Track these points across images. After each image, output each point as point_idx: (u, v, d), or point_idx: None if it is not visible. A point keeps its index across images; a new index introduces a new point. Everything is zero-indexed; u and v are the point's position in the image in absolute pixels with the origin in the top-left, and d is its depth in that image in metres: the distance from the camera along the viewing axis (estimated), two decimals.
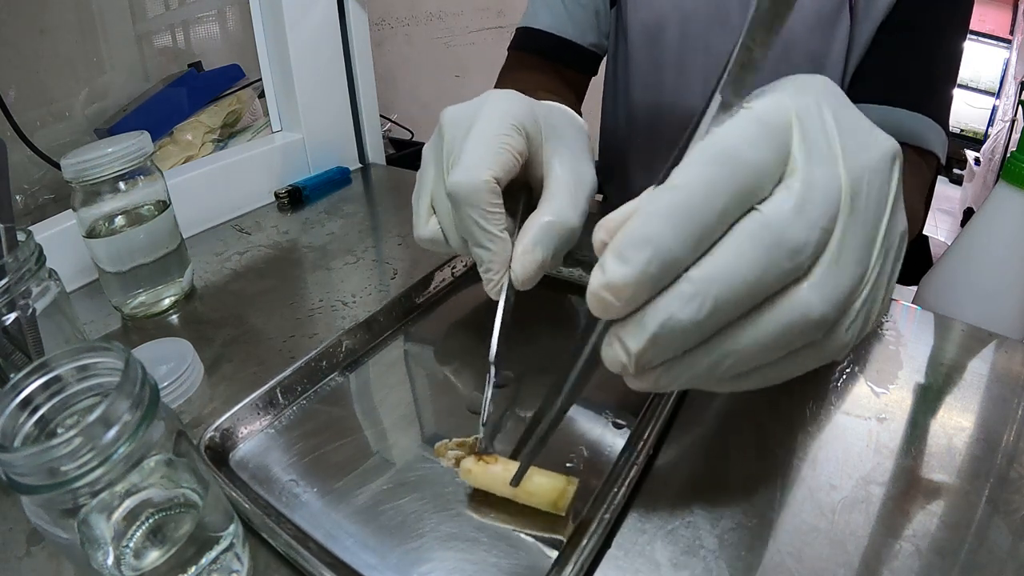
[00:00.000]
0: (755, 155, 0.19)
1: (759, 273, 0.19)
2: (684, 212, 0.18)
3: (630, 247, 0.19)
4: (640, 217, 0.19)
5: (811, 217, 0.19)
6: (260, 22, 0.65)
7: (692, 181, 0.19)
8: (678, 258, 0.19)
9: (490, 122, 0.33)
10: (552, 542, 0.28)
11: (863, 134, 0.21)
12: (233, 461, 0.33)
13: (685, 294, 0.19)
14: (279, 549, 0.28)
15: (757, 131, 0.19)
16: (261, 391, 0.35)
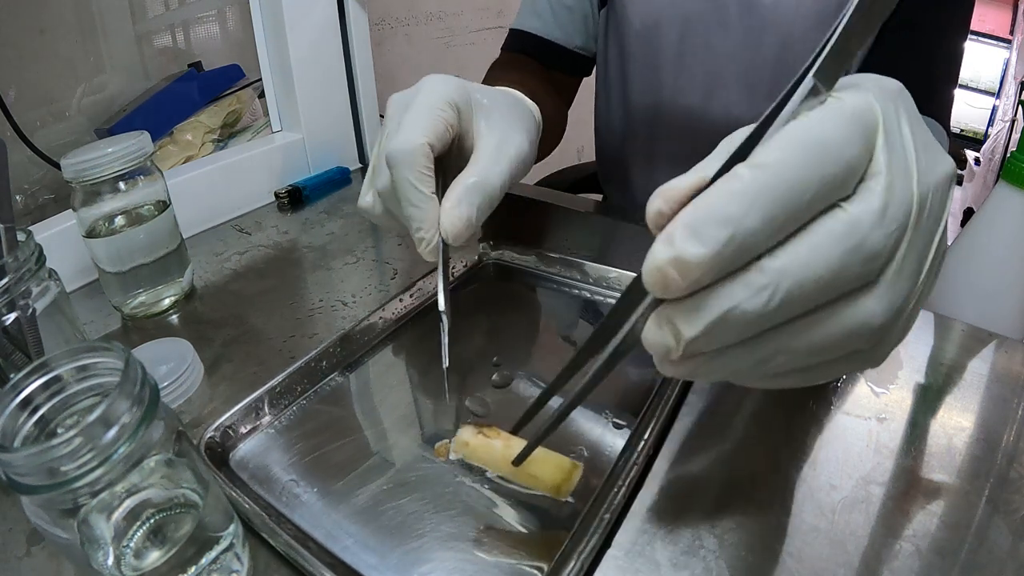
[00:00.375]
0: (849, 150, 0.18)
1: (834, 274, 0.18)
2: (772, 195, 0.17)
3: (709, 224, 0.17)
4: (722, 194, 0.18)
5: (890, 225, 0.18)
6: (260, 22, 0.65)
7: (785, 164, 0.17)
8: (757, 244, 0.18)
9: (426, 98, 0.37)
10: (553, 542, 0.28)
11: (931, 150, 0.20)
12: (233, 461, 0.33)
13: (755, 284, 0.18)
14: (279, 549, 0.28)
15: (852, 126, 0.18)
16: (261, 391, 0.35)
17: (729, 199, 0.17)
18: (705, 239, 0.17)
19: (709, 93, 0.61)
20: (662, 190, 0.19)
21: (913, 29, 0.52)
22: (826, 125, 0.18)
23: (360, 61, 0.70)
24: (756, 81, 0.58)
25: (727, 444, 0.33)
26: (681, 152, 0.67)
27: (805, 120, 0.18)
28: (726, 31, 0.58)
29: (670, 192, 0.19)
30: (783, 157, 0.17)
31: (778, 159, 0.17)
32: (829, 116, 0.18)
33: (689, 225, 0.17)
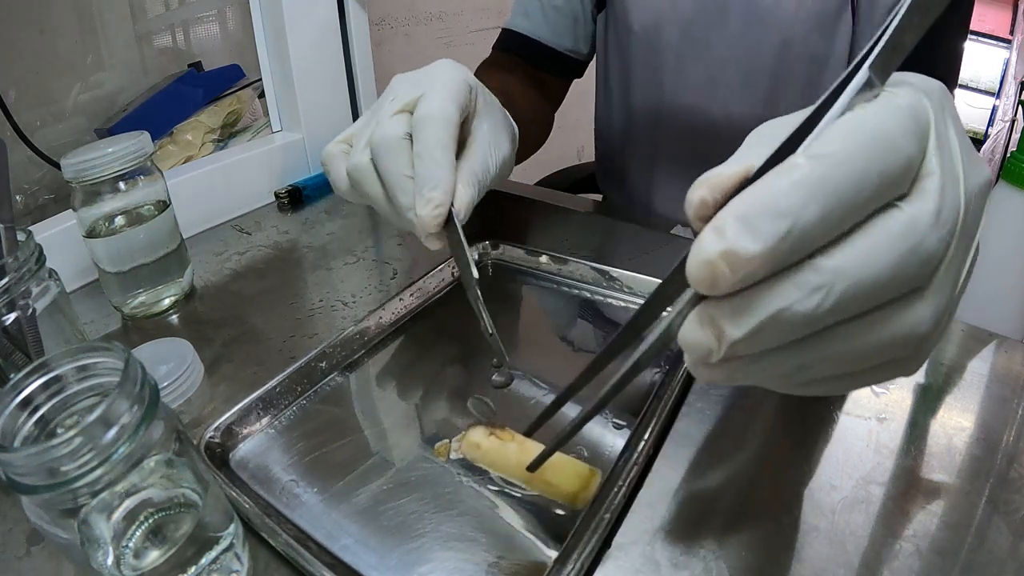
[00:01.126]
0: (908, 146, 0.17)
1: (891, 276, 0.17)
2: (833, 187, 0.16)
3: (765, 216, 0.16)
4: (779, 184, 0.16)
5: (943, 227, 0.17)
6: (260, 22, 0.65)
7: (846, 155, 0.16)
8: (814, 240, 0.16)
9: (450, 77, 0.37)
10: (553, 540, 0.28)
11: (973, 155, 0.20)
12: (233, 461, 0.33)
13: (809, 284, 0.17)
14: (279, 549, 0.28)
15: (909, 122, 0.17)
16: (261, 391, 0.35)
17: (788, 190, 0.16)
18: (760, 232, 0.16)
19: (710, 94, 0.61)
20: (706, 178, 0.18)
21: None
22: (886, 118, 0.17)
23: (360, 61, 0.70)
24: (756, 82, 0.58)
25: (727, 444, 0.33)
26: (682, 153, 0.67)
27: (862, 112, 0.17)
28: (726, 32, 0.58)
29: (716, 180, 0.18)
30: (844, 147, 0.16)
31: (839, 149, 0.16)
32: (887, 109, 0.17)
33: (743, 217, 0.16)
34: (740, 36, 0.58)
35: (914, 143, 0.17)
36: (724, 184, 0.18)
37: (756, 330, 0.17)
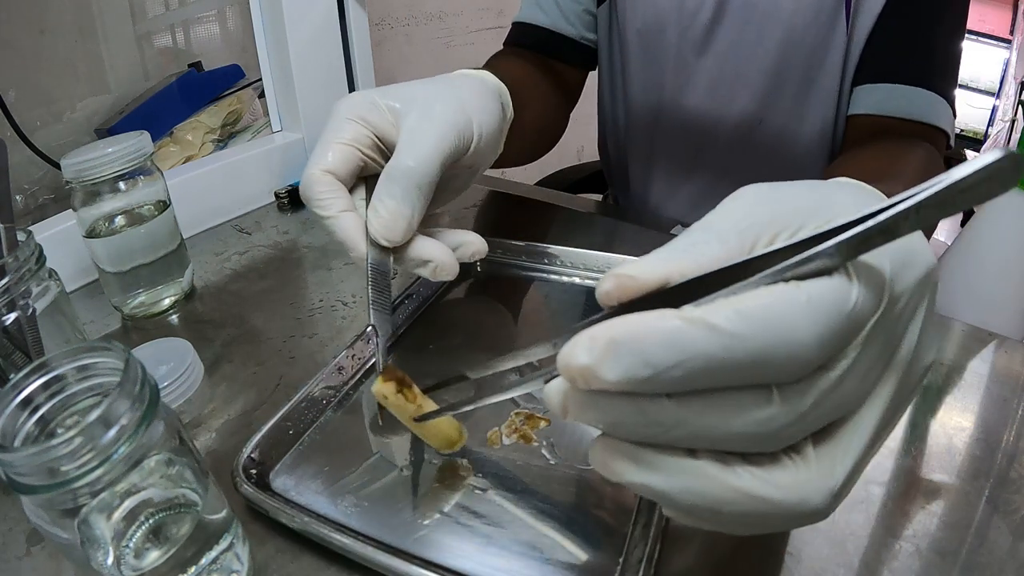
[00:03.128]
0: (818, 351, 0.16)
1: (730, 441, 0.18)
2: (709, 363, 0.16)
3: (634, 357, 0.16)
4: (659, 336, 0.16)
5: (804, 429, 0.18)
6: (260, 22, 0.65)
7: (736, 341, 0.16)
8: (672, 388, 0.17)
9: (328, 124, 0.36)
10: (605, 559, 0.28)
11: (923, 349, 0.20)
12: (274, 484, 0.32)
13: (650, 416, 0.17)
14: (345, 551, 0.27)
15: (839, 328, 0.17)
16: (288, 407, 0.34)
17: (664, 344, 0.16)
18: (622, 368, 0.16)
19: (710, 91, 0.61)
20: (617, 274, 0.18)
21: (907, 24, 0.52)
22: (806, 316, 0.16)
23: (360, 61, 0.70)
24: (755, 80, 0.58)
25: None
26: (680, 152, 0.67)
27: (793, 292, 0.16)
28: (727, 29, 0.58)
29: (624, 281, 0.18)
30: (740, 332, 0.16)
31: (733, 333, 0.16)
32: (816, 305, 0.16)
33: (616, 343, 0.16)
34: (740, 34, 0.58)
35: (829, 349, 0.17)
36: (631, 287, 0.18)
37: (595, 421, 0.18)
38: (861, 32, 0.53)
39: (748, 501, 0.17)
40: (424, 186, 0.34)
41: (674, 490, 0.18)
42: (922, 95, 0.50)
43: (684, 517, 0.19)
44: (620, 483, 0.19)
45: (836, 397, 0.17)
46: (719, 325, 0.16)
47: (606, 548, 0.28)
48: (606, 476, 0.19)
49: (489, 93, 0.40)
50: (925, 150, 0.49)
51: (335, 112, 0.36)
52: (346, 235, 0.35)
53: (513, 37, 0.68)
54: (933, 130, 0.51)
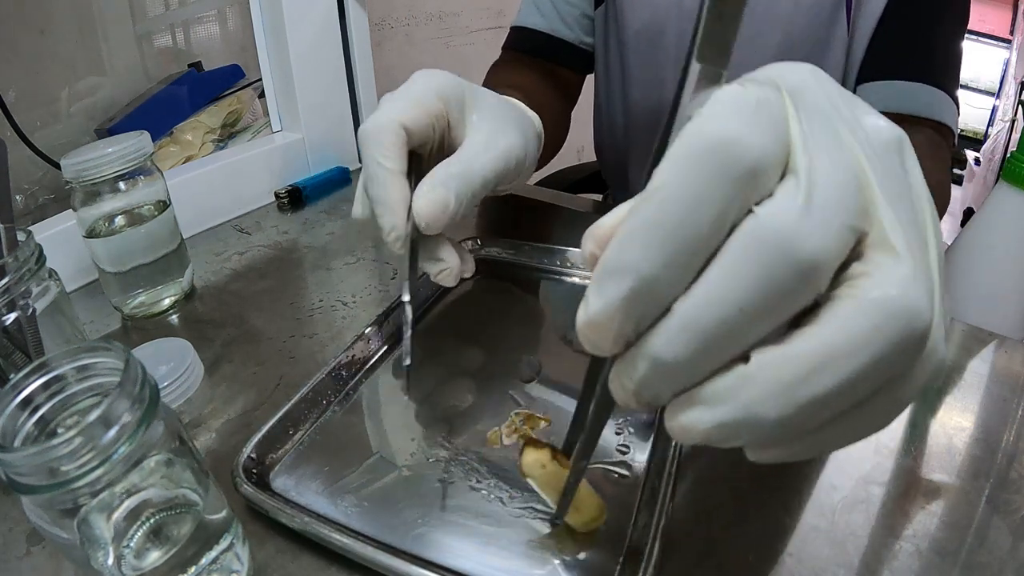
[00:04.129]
0: (755, 140, 0.15)
1: (762, 297, 0.15)
2: (666, 228, 0.15)
3: (608, 277, 0.16)
4: (617, 239, 0.16)
5: (825, 215, 0.14)
6: (260, 22, 0.65)
7: (674, 186, 0.15)
8: (664, 286, 0.15)
9: (409, 86, 0.35)
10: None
11: (865, 121, 0.17)
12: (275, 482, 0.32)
13: (670, 331, 0.16)
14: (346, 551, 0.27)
15: (754, 111, 0.15)
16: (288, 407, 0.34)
17: (624, 243, 0.15)
18: (607, 294, 0.16)
19: None
20: (591, 229, 0.18)
21: (909, 22, 0.52)
22: (720, 119, 0.15)
23: (360, 61, 0.70)
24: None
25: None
26: None
27: (697, 119, 0.15)
28: None
29: (596, 231, 0.18)
30: (670, 177, 0.15)
31: (665, 181, 0.15)
32: (723, 107, 0.15)
33: (594, 280, 0.16)
34: (741, 32, 0.58)
35: (766, 136, 0.15)
36: (602, 234, 0.17)
37: (644, 381, 0.17)
38: (863, 32, 0.53)
39: (836, 354, 0.14)
40: (476, 195, 0.34)
41: (753, 404, 0.15)
42: (926, 91, 0.50)
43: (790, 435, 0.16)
44: (707, 440, 0.16)
45: (825, 176, 0.15)
46: (649, 188, 0.15)
47: (606, 547, 0.28)
48: (689, 441, 0.17)
49: (535, 132, 0.41)
50: (926, 136, 0.49)
51: (422, 79, 0.36)
52: (392, 197, 0.33)
53: (512, 41, 0.68)
54: (937, 125, 0.50)
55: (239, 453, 0.31)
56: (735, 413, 0.16)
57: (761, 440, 0.16)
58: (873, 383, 0.15)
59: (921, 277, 0.15)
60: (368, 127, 0.33)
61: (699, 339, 0.15)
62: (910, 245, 0.15)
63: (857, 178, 0.15)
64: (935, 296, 0.15)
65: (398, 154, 0.33)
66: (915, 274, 0.14)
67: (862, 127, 0.16)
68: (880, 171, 0.15)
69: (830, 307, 0.15)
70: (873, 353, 0.14)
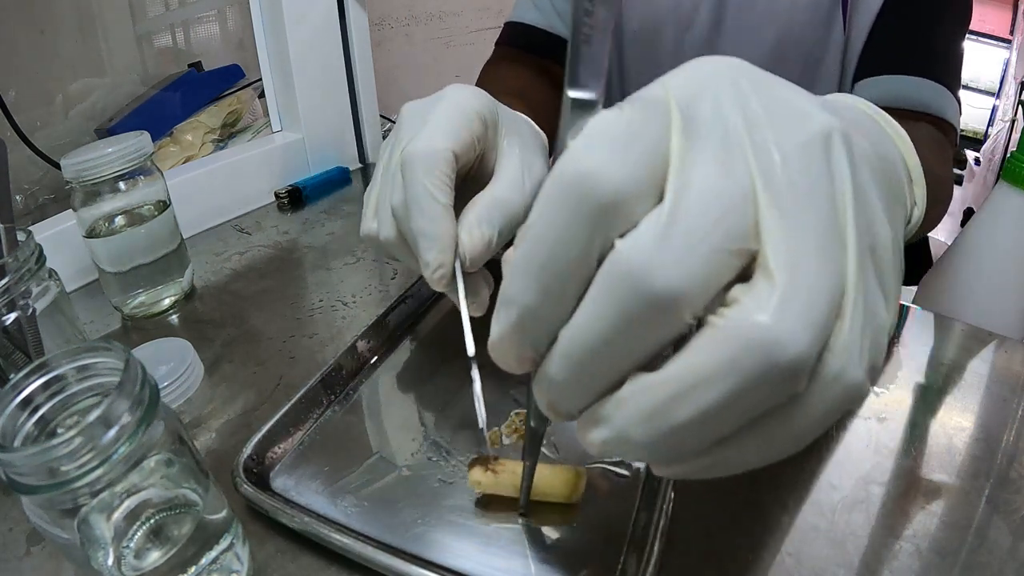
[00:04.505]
0: (615, 173, 0.14)
1: (619, 331, 0.15)
2: (537, 264, 0.15)
3: (501, 305, 0.17)
4: (505, 271, 0.17)
5: (686, 245, 0.14)
6: (260, 22, 0.65)
7: (539, 225, 0.15)
8: (546, 315, 0.16)
9: (453, 106, 0.32)
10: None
11: (785, 115, 0.15)
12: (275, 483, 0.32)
13: (555, 356, 0.16)
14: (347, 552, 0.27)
15: (622, 138, 0.15)
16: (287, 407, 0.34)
17: (509, 277, 0.16)
18: (500, 322, 0.17)
19: None
20: (505, 256, 0.18)
21: (908, 20, 0.52)
22: (580, 153, 0.15)
23: (360, 61, 0.70)
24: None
25: None
26: None
27: (564, 153, 0.15)
28: (724, 29, 0.58)
29: (507, 257, 0.18)
30: (537, 215, 0.15)
31: (533, 219, 0.15)
32: (587, 140, 0.15)
33: (495, 308, 0.17)
34: (737, 33, 0.58)
35: (630, 165, 0.14)
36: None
37: (549, 396, 0.18)
38: (860, 31, 0.53)
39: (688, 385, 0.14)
40: (514, 229, 0.32)
41: (625, 428, 0.16)
42: (926, 85, 0.49)
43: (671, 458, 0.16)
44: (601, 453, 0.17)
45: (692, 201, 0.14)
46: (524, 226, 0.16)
47: (606, 547, 0.28)
48: (591, 452, 0.18)
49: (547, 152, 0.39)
50: (926, 130, 0.47)
51: (459, 97, 0.33)
52: (443, 234, 0.30)
53: (507, 37, 0.67)
54: (938, 121, 0.49)
55: (239, 453, 0.31)
56: (612, 434, 0.16)
57: (643, 459, 0.17)
58: (741, 413, 0.15)
59: (798, 304, 0.13)
60: (419, 152, 0.30)
61: (575, 366, 0.16)
62: (794, 264, 0.14)
63: (739, 195, 0.14)
64: (822, 323, 0.14)
65: (451, 186, 0.31)
66: (787, 301, 0.13)
67: (777, 125, 0.15)
68: (783, 179, 0.14)
69: (697, 335, 0.14)
70: (730, 385, 0.14)
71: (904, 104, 0.49)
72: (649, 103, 0.16)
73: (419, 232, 0.30)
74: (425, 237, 0.30)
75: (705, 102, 0.15)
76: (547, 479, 0.28)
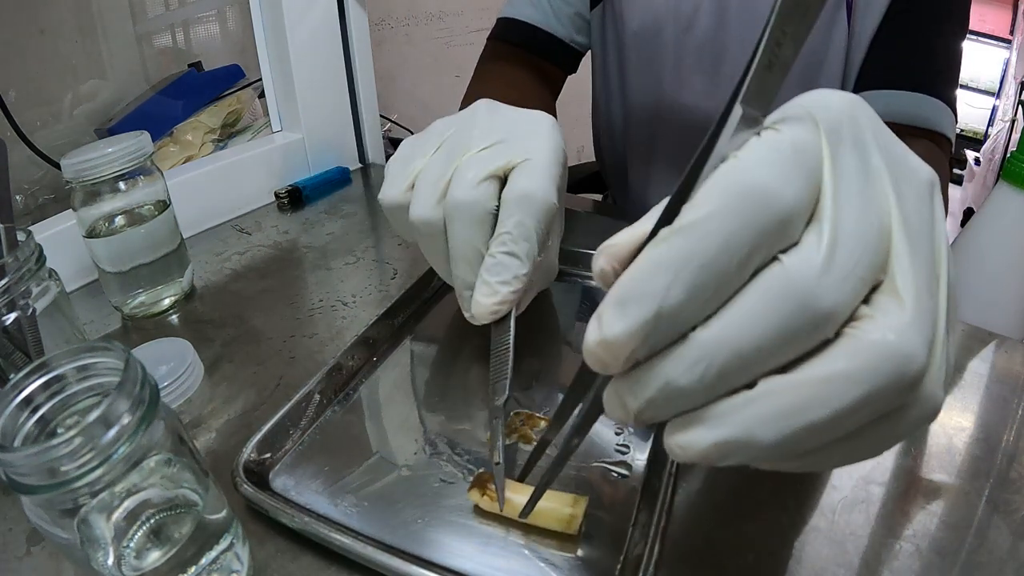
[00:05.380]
0: (786, 195, 0.16)
1: (776, 339, 0.16)
2: (696, 263, 0.16)
3: (632, 301, 0.16)
4: (645, 265, 0.16)
5: (844, 270, 0.15)
6: (260, 22, 0.65)
7: (709, 224, 0.16)
8: (688, 315, 0.16)
9: (555, 145, 0.34)
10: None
11: (901, 161, 0.18)
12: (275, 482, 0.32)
13: (687, 359, 0.16)
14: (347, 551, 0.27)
15: (788, 164, 0.16)
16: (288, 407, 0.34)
17: (651, 272, 0.16)
18: (629, 318, 0.16)
19: (708, 92, 0.61)
20: (605, 247, 0.18)
21: (909, 28, 0.52)
22: (756, 167, 0.16)
23: (360, 61, 0.70)
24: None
25: None
26: (680, 152, 0.67)
27: (733, 163, 0.16)
28: (725, 29, 0.58)
29: (612, 250, 0.18)
30: (706, 216, 0.16)
31: (701, 219, 0.16)
32: (760, 156, 0.16)
33: (615, 302, 0.16)
34: (739, 34, 0.58)
35: (796, 187, 0.16)
36: (620, 254, 0.18)
37: (651, 402, 0.17)
38: (863, 35, 0.53)
39: (831, 388, 0.15)
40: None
41: (752, 427, 0.16)
42: (925, 101, 0.50)
43: (783, 456, 0.17)
44: (704, 458, 0.17)
45: (848, 230, 0.16)
46: (683, 222, 0.16)
47: (606, 548, 0.28)
48: (687, 459, 0.17)
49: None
50: (925, 147, 0.49)
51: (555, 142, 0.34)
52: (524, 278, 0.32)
53: (501, 31, 0.67)
54: (936, 136, 0.51)
55: (239, 453, 0.31)
56: (735, 434, 0.16)
57: (755, 461, 0.17)
58: (863, 417, 0.16)
59: (921, 326, 0.16)
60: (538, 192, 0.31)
61: (715, 369, 0.16)
62: (919, 293, 0.16)
63: (880, 230, 0.16)
64: (935, 344, 0.16)
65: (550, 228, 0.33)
66: (915, 322, 0.15)
67: (899, 168, 0.17)
68: (908, 216, 0.16)
69: (834, 345, 0.16)
70: (866, 390, 0.15)
71: (904, 120, 0.50)
72: (803, 129, 0.17)
73: (502, 267, 0.32)
74: (507, 273, 0.32)
75: (846, 138, 0.17)
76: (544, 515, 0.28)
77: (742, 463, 0.17)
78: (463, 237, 0.32)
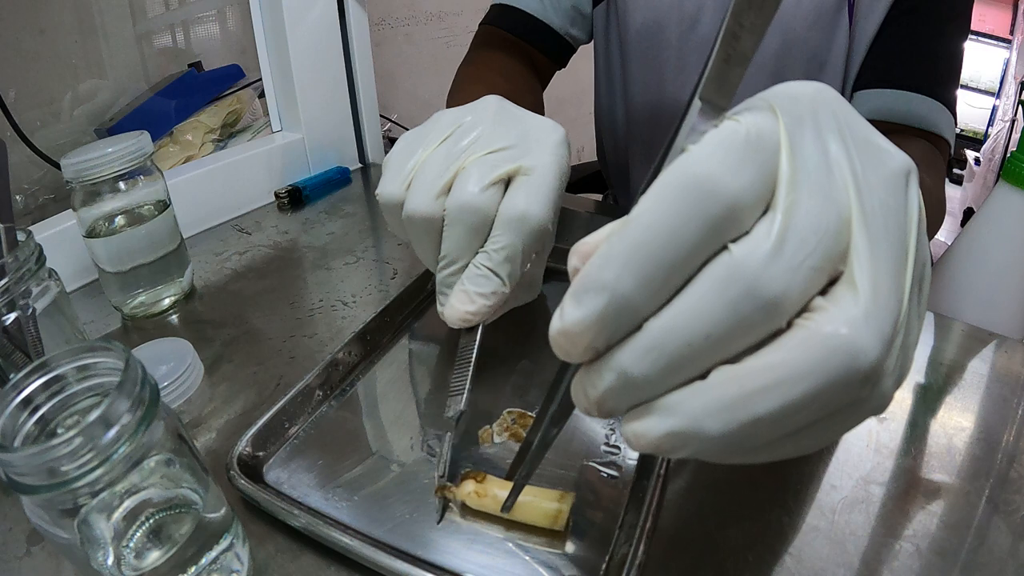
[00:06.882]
0: (735, 182, 0.16)
1: (726, 327, 0.16)
2: (643, 253, 0.16)
3: (587, 292, 0.17)
4: (598, 256, 0.17)
5: (794, 260, 0.15)
6: (260, 22, 0.65)
7: (655, 216, 0.16)
8: (637, 306, 0.16)
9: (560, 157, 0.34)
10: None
11: (871, 150, 0.17)
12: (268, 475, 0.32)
13: (639, 348, 0.17)
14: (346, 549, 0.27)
15: (741, 151, 0.16)
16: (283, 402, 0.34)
17: (603, 263, 0.16)
18: (584, 307, 0.17)
19: None
20: (576, 246, 0.19)
21: (911, 29, 0.52)
22: (704, 159, 0.16)
23: (360, 61, 0.70)
24: (756, 81, 0.58)
25: None
26: None
27: (684, 155, 0.16)
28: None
29: (582, 248, 0.18)
30: (651, 207, 0.16)
31: (646, 210, 0.16)
32: (710, 147, 0.16)
33: (572, 292, 0.17)
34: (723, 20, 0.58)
35: (746, 177, 0.16)
36: (587, 251, 0.18)
37: (608, 391, 0.17)
38: (865, 35, 0.53)
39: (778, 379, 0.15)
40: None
41: (700, 417, 0.16)
42: (924, 102, 0.50)
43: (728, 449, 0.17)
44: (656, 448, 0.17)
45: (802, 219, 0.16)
46: (632, 215, 0.16)
47: (593, 546, 0.28)
48: (641, 449, 0.18)
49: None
50: (922, 147, 0.49)
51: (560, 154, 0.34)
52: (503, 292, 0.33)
53: (495, 17, 0.66)
54: (934, 137, 0.51)
55: (234, 446, 0.31)
56: (684, 424, 0.17)
57: (705, 453, 0.17)
58: (812, 412, 0.16)
59: (877, 319, 0.15)
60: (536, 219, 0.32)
61: (665, 358, 0.16)
62: (876, 285, 0.15)
63: (840, 220, 0.16)
64: (889, 338, 0.16)
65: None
66: (870, 315, 0.15)
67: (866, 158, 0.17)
68: (871, 206, 0.16)
69: (784, 335, 0.16)
70: (813, 384, 0.15)
71: (901, 119, 0.50)
72: (761, 120, 0.17)
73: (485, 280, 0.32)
74: (488, 287, 0.32)
75: (808, 127, 0.17)
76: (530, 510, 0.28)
77: (697, 455, 0.17)
78: (458, 240, 0.32)
